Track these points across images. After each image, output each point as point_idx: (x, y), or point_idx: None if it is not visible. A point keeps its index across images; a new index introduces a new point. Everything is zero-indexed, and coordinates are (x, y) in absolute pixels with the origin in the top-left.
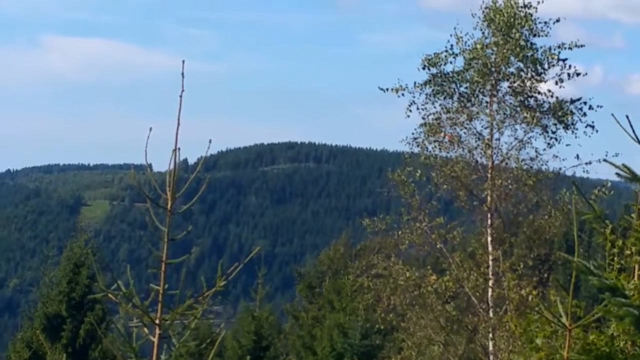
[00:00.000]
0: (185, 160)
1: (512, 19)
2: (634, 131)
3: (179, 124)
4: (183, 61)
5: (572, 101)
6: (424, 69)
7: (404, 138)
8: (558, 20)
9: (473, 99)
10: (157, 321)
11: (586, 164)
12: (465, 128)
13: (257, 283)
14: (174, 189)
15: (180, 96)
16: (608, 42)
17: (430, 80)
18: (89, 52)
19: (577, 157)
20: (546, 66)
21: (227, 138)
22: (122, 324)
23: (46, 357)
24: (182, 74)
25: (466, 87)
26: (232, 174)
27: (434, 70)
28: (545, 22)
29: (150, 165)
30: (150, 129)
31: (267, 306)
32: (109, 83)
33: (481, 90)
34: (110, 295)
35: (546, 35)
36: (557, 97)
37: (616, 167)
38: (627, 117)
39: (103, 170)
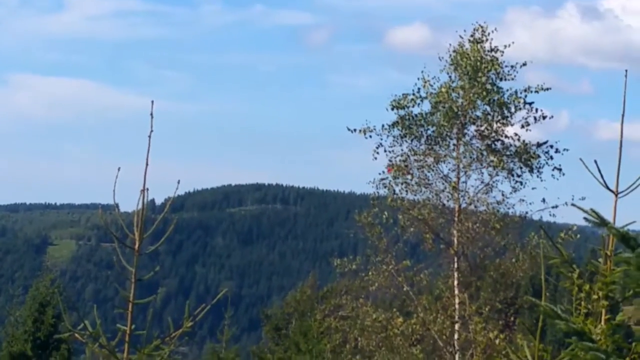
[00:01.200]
0: (153, 201)
1: (478, 63)
2: (602, 176)
3: (147, 164)
4: (152, 102)
5: (539, 145)
6: (392, 109)
7: (371, 180)
8: (525, 64)
9: (440, 142)
10: None
11: (552, 207)
12: (433, 170)
13: (223, 324)
14: (142, 229)
15: (149, 136)
16: (576, 87)
17: (397, 122)
18: (57, 91)
19: (544, 200)
20: (513, 110)
21: (195, 179)
22: None
23: None
24: (151, 114)
25: (433, 130)
26: (199, 215)
27: (401, 112)
28: (512, 66)
29: (117, 205)
30: (119, 168)
31: (234, 348)
32: (78, 122)
33: (448, 133)
34: (77, 335)
35: (513, 79)
36: (523, 141)
37: (584, 211)
38: (596, 162)
39: (70, 209)
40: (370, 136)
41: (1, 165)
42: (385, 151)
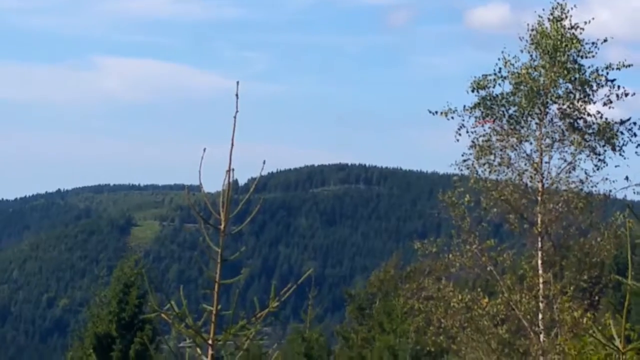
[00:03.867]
0: (236, 181)
1: (558, 42)
2: None
3: (232, 145)
4: (237, 82)
5: (622, 122)
6: (472, 91)
7: (453, 162)
8: (606, 40)
9: (522, 122)
10: (210, 341)
11: (636, 185)
12: (516, 150)
13: (307, 304)
14: (228, 209)
15: (235, 117)
16: None
17: (479, 103)
18: (142, 73)
19: (627, 178)
20: (594, 87)
21: (278, 159)
22: (174, 344)
23: None
24: (237, 95)
25: (515, 110)
26: (282, 195)
27: (482, 93)
28: (593, 43)
29: (201, 186)
30: (204, 149)
31: (317, 327)
32: (162, 104)
33: (530, 112)
34: (163, 315)
35: (594, 57)
36: (605, 119)
37: None
38: None
39: (153, 190)
40: (452, 117)
41: (85, 146)
42: (467, 132)
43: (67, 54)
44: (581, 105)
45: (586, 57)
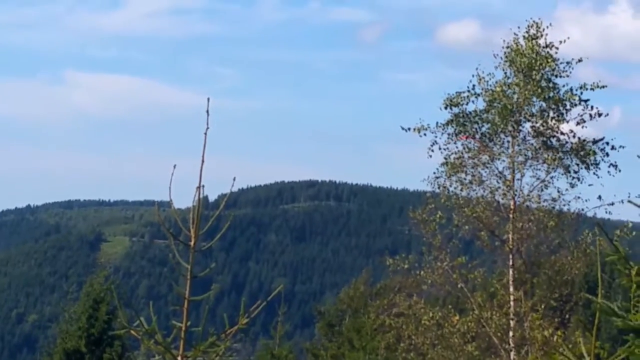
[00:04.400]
0: (206, 197)
1: (533, 60)
2: None
3: (203, 161)
4: (208, 99)
5: (595, 141)
6: (445, 108)
7: (425, 178)
8: (580, 60)
9: (495, 139)
10: (179, 358)
11: (609, 205)
12: (487, 168)
13: (276, 321)
14: (198, 226)
15: (205, 133)
16: (629, 83)
17: (452, 120)
18: (113, 89)
19: (600, 197)
20: (568, 106)
21: (248, 176)
22: None
23: None
24: (207, 111)
25: (488, 128)
26: (252, 211)
27: (455, 110)
28: (568, 62)
29: (172, 202)
30: (175, 166)
31: (287, 344)
32: (133, 120)
33: (503, 130)
34: (132, 331)
35: (568, 76)
36: (579, 138)
37: None
38: None
39: (123, 206)
40: (425, 134)
41: (55, 162)
42: (439, 149)
43: (39, 69)
44: (554, 124)
45: (560, 76)
